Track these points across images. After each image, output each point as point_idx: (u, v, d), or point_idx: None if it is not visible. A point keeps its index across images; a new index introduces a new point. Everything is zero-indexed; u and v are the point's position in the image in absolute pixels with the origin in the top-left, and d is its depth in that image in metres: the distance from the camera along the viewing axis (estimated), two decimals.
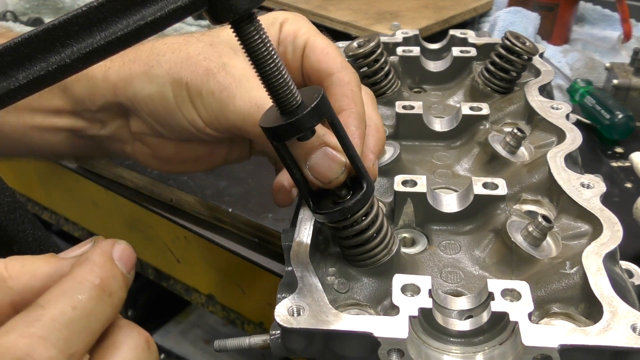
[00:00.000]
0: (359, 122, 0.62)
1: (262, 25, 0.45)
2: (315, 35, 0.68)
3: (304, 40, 0.67)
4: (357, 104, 0.63)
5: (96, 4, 0.39)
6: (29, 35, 0.38)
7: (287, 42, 0.68)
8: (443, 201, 0.69)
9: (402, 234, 0.69)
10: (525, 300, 0.52)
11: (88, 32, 0.39)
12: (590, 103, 1.15)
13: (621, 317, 0.51)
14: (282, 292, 0.57)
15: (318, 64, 0.66)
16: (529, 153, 0.79)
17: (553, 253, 0.63)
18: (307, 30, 0.68)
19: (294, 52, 0.68)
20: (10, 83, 0.38)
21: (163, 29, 0.41)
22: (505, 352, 0.52)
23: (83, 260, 0.39)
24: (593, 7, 1.62)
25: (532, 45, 0.87)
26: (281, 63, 0.47)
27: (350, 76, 0.65)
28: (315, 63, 0.66)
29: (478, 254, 0.66)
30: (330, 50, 0.67)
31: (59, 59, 0.39)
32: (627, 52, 1.41)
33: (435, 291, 0.57)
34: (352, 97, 0.63)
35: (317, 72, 0.66)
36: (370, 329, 0.51)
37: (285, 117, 0.49)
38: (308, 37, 0.68)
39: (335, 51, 0.67)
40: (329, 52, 0.66)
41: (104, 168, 1.09)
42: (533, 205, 0.71)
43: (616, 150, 1.12)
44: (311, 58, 0.67)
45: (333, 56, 0.66)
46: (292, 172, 0.54)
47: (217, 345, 0.61)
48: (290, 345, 0.54)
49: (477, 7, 1.55)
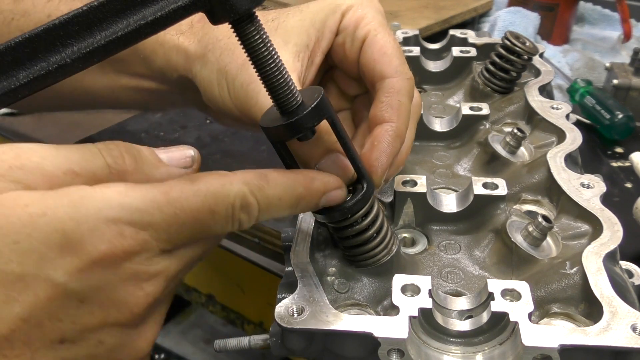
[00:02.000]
0: (394, 139, 0.58)
1: (262, 25, 0.45)
2: (378, 29, 0.63)
3: (364, 33, 0.63)
4: (401, 118, 0.59)
5: (96, 4, 0.39)
6: (30, 34, 0.38)
7: (347, 32, 0.64)
8: (443, 201, 0.69)
9: (402, 234, 0.69)
10: (525, 300, 0.52)
11: (88, 31, 0.39)
12: (590, 103, 1.15)
13: (621, 317, 0.51)
14: (282, 292, 0.57)
15: (373, 64, 0.62)
16: (529, 153, 0.79)
17: (553, 253, 0.63)
18: (370, 22, 0.64)
19: (352, 44, 0.64)
20: (11, 82, 0.38)
21: (163, 28, 0.41)
22: (505, 352, 0.52)
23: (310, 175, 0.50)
24: (593, 7, 1.62)
25: (532, 45, 0.87)
26: (281, 63, 0.47)
27: (402, 83, 0.61)
28: (371, 62, 0.62)
29: (478, 254, 0.66)
30: (389, 50, 0.62)
31: (59, 58, 0.39)
32: (627, 52, 1.41)
33: (435, 291, 0.57)
34: (398, 108, 0.60)
35: (371, 72, 0.63)
36: (370, 329, 0.51)
37: (285, 117, 0.49)
38: (369, 30, 0.63)
39: (394, 51, 0.63)
40: (387, 52, 0.62)
41: None
42: (533, 205, 0.71)
43: (616, 150, 1.12)
44: (368, 55, 0.63)
45: (390, 58, 0.62)
46: None
47: (217, 345, 0.61)
48: (290, 345, 0.54)
49: (477, 7, 1.55)
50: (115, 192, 0.40)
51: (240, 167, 1.12)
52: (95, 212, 0.38)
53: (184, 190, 0.42)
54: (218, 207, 0.43)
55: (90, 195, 0.39)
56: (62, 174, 0.40)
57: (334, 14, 0.64)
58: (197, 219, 0.42)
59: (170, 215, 0.41)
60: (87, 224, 0.38)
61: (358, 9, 0.65)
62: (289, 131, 0.50)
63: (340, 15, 0.64)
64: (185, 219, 0.42)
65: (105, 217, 0.39)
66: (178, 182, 0.42)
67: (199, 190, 0.42)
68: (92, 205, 0.39)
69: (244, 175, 0.45)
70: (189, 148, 0.46)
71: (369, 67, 0.63)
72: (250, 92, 0.60)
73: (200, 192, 0.42)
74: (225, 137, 1.17)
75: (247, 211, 0.45)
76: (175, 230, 0.42)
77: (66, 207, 0.38)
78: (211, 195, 0.43)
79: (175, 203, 0.41)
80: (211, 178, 0.43)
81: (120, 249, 0.39)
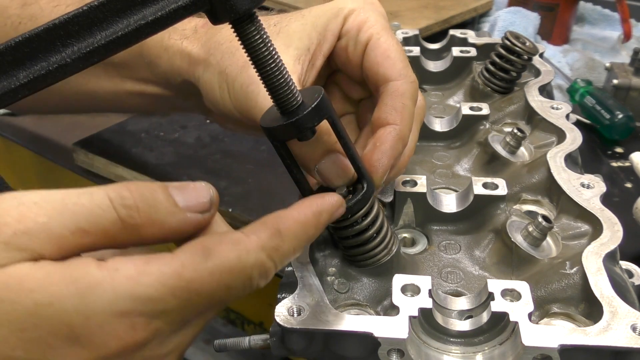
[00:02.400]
0: (397, 141, 0.58)
1: (262, 25, 0.45)
2: (380, 32, 0.63)
3: (367, 36, 0.63)
4: (404, 120, 0.59)
5: (97, 4, 0.39)
6: (30, 34, 0.38)
7: (349, 36, 0.64)
8: (443, 201, 0.69)
9: (402, 234, 0.69)
10: (525, 301, 0.52)
11: (89, 31, 0.39)
12: (590, 103, 1.15)
13: (621, 317, 0.51)
14: (282, 292, 0.57)
15: (376, 67, 0.62)
16: (529, 153, 0.79)
17: (553, 253, 0.63)
18: (373, 25, 0.64)
19: (355, 47, 0.64)
20: (11, 82, 0.38)
21: (164, 28, 0.41)
22: (505, 352, 0.52)
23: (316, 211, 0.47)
24: (593, 7, 1.62)
25: (532, 45, 0.87)
26: (282, 63, 0.47)
27: (406, 86, 0.61)
28: (374, 65, 0.62)
29: (478, 254, 0.66)
30: (392, 54, 0.62)
31: (59, 58, 0.39)
32: (627, 52, 1.41)
33: (435, 291, 0.57)
34: (401, 111, 0.59)
35: (375, 75, 0.62)
36: (371, 329, 0.51)
37: (285, 118, 0.49)
38: (372, 33, 0.63)
39: (397, 55, 0.63)
40: (390, 56, 0.62)
41: (104, 168, 1.09)
42: (533, 205, 0.71)
43: (616, 150, 1.12)
44: (371, 58, 0.63)
45: (393, 61, 0.62)
46: (292, 172, 0.54)
47: (217, 345, 0.61)
48: (290, 345, 0.54)
49: (477, 7, 1.55)
50: (125, 278, 0.37)
51: (241, 167, 1.13)
52: (104, 306, 0.36)
53: (198, 270, 0.39)
54: (235, 283, 0.41)
55: (99, 284, 0.37)
56: (70, 234, 0.37)
57: (336, 17, 0.64)
58: (213, 297, 0.41)
59: (185, 299, 0.39)
60: (96, 319, 0.36)
61: (360, 13, 0.64)
62: (289, 131, 0.50)
63: (342, 19, 0.64)
64: (199, 300, 0.40)
65: (115, 311, 0.37)
66: (192, 259, 0.40)
67: (215, 268, 0.40)
68: (100, 298, 0.36)
69: (259, 237, 0.43)
70: (206, 188, 0.44)
71: (372, 70, 0.63)
72: (249, 93, 0.60)
73: (216, 270, 0.40)
74: (225, 137, 1.17)
75: (265, 276, 0.43)
76: (189, 312, 0.41)
77: (73, 298, 0.36)
78: (227, 272, 0.41)
79: (189, 286, 0.39)
80: (226, 250, 0.41)
81: (131, 342, 0.38)
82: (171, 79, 0.70)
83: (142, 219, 0.39)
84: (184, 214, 0.42)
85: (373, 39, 0.63)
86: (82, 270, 0.37)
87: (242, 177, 1.04)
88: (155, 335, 0.39)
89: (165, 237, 0.42)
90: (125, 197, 0.39)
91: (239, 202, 0.97)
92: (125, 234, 0.39)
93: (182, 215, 0.41)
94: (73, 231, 0.37)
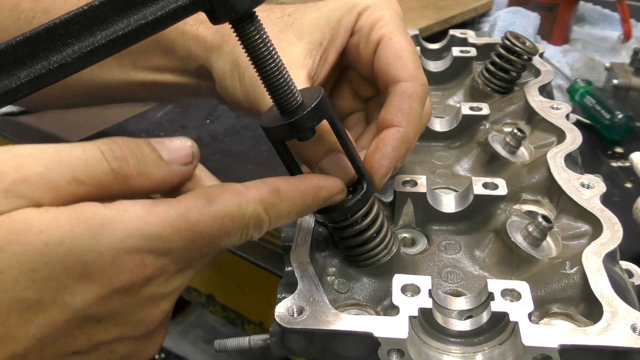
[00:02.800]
0: (400, 144, 0.58)
1: (262, 25, 0.45)
2: (394, 32, 0.62)
3: (380, 35, 0.62)
4: (410, 123, 0.59)
5: (97, 3, 0.39)
6: (31, 33, 0.38)
7: (362, 33, 0.63)
8: (443, 201, 0.69)
9: (402, 234, 0.69)
10: (525, 300, 0.52)
11: (89, 31, 0.39)
12: (590, 103, 1.15)
13: (621, 317, 0.51)
14: (282, 292, 0.57)
15: (387, 67, 0.61)
16: (529, 153, 0.79)
17: (553, 253, 0.63)
18: (387, 24, 0.63)
19: (367, 45, 0.63)
20: (12, 81, 0.38)
21: (164, 28, 0.41)
22: (505, 352, 0.52)
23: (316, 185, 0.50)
24: (593, 7, 1.62)
25: (532, 45, 0.87)
26: (282, 63, 0.47)
27: (415, 88, 0.60)
28: (385, 65, 0.62)
29: (478, 254, 0.66)
30: (404, 54, 0.61)
31: (60, 57, 0.39)
32: (627, 52, 1.41)
33: (435, 291, 0.57)
34: (408, 113, 0.59)
35: (385, 75, 0.62)
36: (370, 329, 0.51)
37: (285, 117, 0.49)
38: (385, 32, 0.62)
39: (409, 55, 0.62)
40: (402, 56, 0.61)
41: None
42: (533, 205, 0.71)
43: (616, 150, 1.12)
44: (382, 58, 0.62)
45: (405, 62, 0.61)
46: (292, 172, 0.54)
47: (217, 345, 0.61)
48: (290, 345, 0.54)
49: (477, 7, 1.55)
50: (134, 217, 0.39)
51: (241, 167, 1.13)
52: (116, 243, 0.38)
53: (202, 213, 0.42)
54: (234, 229, 0.44)
55: (110, 222, 0.38)
56: (66, 184, 0.39)
57: (350, 13, 0.64)
58: (214, 241, 0.43)
59: (189, 240, 0.42)
60: (109, 254, 0.38)
61: (375, 10, 0.64)
62: (289, 131, 0.50)
63: (356, 15, 0.64)
64: (202, 242, 0.42)
65: (126, 247, 0.39)
66: (196, 203, 0.42)
67: (217, 213, 0.43)
68: (112, 235, 0.38)
69: (259, 191, 0.45)
70: (186, 141, 0.46)
71: (382, 70, 0.62)
72: (257, 87, 0.60)
73: (219, 215, 0.43)
74: (225, 137, 1.17)
75: (259, 228, 0.46)
76: (193, 252, 0.43)
77: (84, 236, 0.37)
78: (228, 217, 0.43)
79: (194, 228, 0.41)
80: (228, 198, 0.44)
81: (141, 277, 0.40)
82: (187, 65, 0.70)
83: (132, 170, 0.41)
84: (170, 165, 0.44)
85: (385, 38, 0.62)
86: (90, 211, 0.38)
87: (242, 177, 1.04)
88: (162, 272, 0.41)
89: (153, 188, 0.43)
90: (115, 150, 0.41)
91: None
92: (117, 185, 0.41)
93: (167, 167, 0.44)
94: (69, 181, 0.39)
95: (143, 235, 0.39)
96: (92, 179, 0.40)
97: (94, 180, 0.40)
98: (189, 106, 1.28)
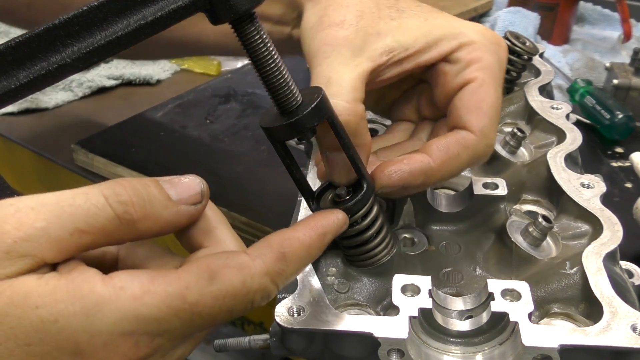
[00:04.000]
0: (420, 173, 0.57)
1: (262, 25, 0.45)
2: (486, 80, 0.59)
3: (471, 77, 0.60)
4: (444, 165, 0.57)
5: (97, 4, 0.39)
6: (30, 34, 0.38)
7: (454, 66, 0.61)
8: (443, 201, 0.69)
9: (402, 234, 0.69)
10: (525, 300, 0.52)
11: (88, 31, 0.39)
12: (590, 103, 1.15)
13: (621, 317, 0.51)
14: (282, 292, 0.57)
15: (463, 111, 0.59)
16: (529, 153, 0.79)
17: (553, 253, 0.63)
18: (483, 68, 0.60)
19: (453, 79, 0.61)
20: (11, 82, 0.38)
21: (163, 28, 0.41)
22: (505, 352, 0.52)
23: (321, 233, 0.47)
24: (593, 7, 1.62)
25: (532, 45, 0.87)
26: (282, 63, 0.47)
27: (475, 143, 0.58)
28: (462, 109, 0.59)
29: (478, 254, 0.66)
30: (486, 107, 0.59)
31: (59, 58, 0.39)
32: (627, 52, 1.41)
33: (435, 291, 0.57)
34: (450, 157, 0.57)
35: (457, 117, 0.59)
36: (370, 329, 0.51)
37: (285, 118, 0.49)
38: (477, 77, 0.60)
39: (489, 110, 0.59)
40: (483, 108, 0.59)
41: (104, 168, 1.09)
42: (533, 205, 0.71)
43: (616, 150, 1.12)
44: (463, 100, 0.60)
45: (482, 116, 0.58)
46: (292, 172, 0.54)
47: (217, 345, 0.61)
48: (290, 345, 0.54)
49: (477, 7, 1.55)
50: (130, 298, 0.38)
51: (240, 167, 1.12)
52: (109, 326, 0.37)
53: (202, 293, 0.40)
54: (237, 306, 0.42)
55: (105, 302, 0.37)
56: (69, 236, 0.38)
57: (452, 40, 0.61)
58: (215, 318, 0.41)
59: (187, 320, 0.40)
60: (101, 337, 0.37)
61: (478, 49, 0.61)
62: (289, 131, 0.50)
63: (457, 45, 0.61)
64: (202, 322, 0.41)
65: (120, 331, 0.38)
66: (197, 281, 0.40)
67: (219, 292, 0.40)
68: (106, 317, 0.37)
69: (264, 262, 0.43)
70: (196, 180, 0.44)
71: (458, 111, 0.60)
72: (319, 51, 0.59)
73: (220, 295, 0.41)
74: (225, 137, 1.17)
75: (266, 298, 0.44)
76: (192, 330, 0.41)
77: (79, 315, 0.37)
78: (231, 296, 0.41)
79: (193, 309, 0.40)
80: (231, 274, 0.41)
81: (134, 358, 0.39)
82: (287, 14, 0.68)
83: (137, 213, 0.40)
84: (178, 206, 0.42)
85: (476, 82, 0.59)
86: (88, 287, 0.37)
87: (242, 177, 1.04)
88: (157, 351, 0.40)
89: (161, 230, 0.42)
90: (119, 194, 0.40)
91: (239, 202, 0.97)
92: (123, 230, 0.40)
93: (176, 208, 0.42)
94: (71, 232, 0.38)
95: (137, 318, 0.38)
96: (95, 227, 0.39)
97: (97, 229, 0.39)
98: (189, 106, 1.28)
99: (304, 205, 0.64)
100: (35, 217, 0.37)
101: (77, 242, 0.38)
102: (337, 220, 0.50)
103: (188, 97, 1.32)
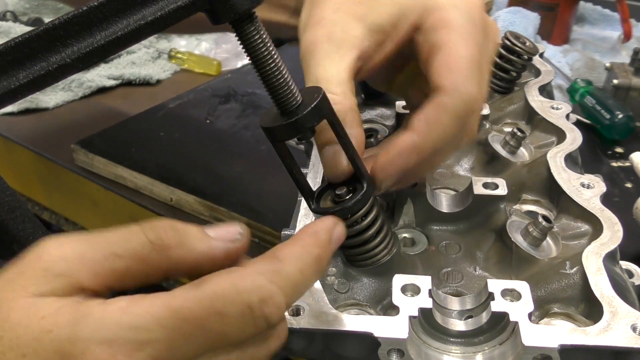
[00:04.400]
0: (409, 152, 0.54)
1: (262, 25, 0.46)
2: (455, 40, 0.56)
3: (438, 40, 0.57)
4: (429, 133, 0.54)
5: (96, 4, 0.39)
6: (30, 34, 0.38)
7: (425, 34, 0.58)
8: (443, 201, 0.69)
9: (402, 234, 0.69)
10: (525, 300, 0.52)
11: (88, 31, 0.39)
12: (590, 103, 1.15)
13: (621, 317, 0.51)
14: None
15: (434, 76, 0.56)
16: (529, 153, 0.79)
17: (553, 253, 0.63)
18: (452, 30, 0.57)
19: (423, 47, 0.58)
20: (11, 82, 0.38)
21: (163, 29, 0.41)
22: (505, 352, 0.52)
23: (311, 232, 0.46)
24: (593, 7, 1.62)
25: (532, 45, 0.87)
26: (282, 63, 0.47)
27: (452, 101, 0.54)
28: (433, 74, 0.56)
29: (478, 254, 0.66)
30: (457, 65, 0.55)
31: (59, 58, 0.39)
32: (627, 52, 1.41)
33: (435, 291, 0.57)
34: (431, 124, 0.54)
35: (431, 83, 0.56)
36: (371, 329, 0.51)
37: (285, 118, 0.49)
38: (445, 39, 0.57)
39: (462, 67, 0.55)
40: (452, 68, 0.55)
41: (104, 168, 1.09)
42: (533, 205, 0.71)
43: (616, 150, 1.12)
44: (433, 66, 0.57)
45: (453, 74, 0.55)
46: (292, 172, 0.54)
47: None
48: (290, 345, 0.54)
49: None
50: (115, 308, 0.37)
51: (240, 167, 1.12)
52: (89, 334, 0.37)
53: (187, 298, 0.38)
54: (228, 309, 0.39)
55: (91, 313, 0.37)
56: (104, 260, 0.39)
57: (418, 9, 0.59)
58: (204, 326, 0.38)
59: (172, 329, 0.37)
60: (80, 346, 0.36)
61: (444, 11, 0.58)
62: (289, 131, 0.50)
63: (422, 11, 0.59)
64: (189, 329, 0.38)
65: (98, 339, 0.36)
66: (183, 290, 0.39)
67: (204, 294, 0.39)
68: (87, 326, 0.37)
69: (255, 265, 0.42)
70: (236, 224, 0.44)
71: (430, 78, 0.57)
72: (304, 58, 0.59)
73: (205, 296, 0.39)
74: (225, 137, 1.17)
75: (270, 303, 0.41)
76: (181, 344, 0.38)
77: (67, 326, 0.37)
78: (218, 297, 0.39)
79: (177, 314, 0.38)
80: (219, 278, 0.40)
81: None
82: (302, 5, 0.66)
83: (170, 240, 0.41)
84: (211, 240, 0.42)
85: (444, 44, 0.57)
86: (84, 303, 0.38)
87: (242, 177, 1.04)
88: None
89: (195, 261, 0.42)
90: (156, 225, 0.41)
91: (239, 202, 0.97)
92: (156, 255, 0.40)
93: (210, 242, 0.42)
94: (107, 256, 0.39)
95: (118, 326, 0.37)
96: (128, 251, 0.39)
97: (130, 253, 0.39)
98: (189, 106, 1.28)
99: (304, 205, 0.64)
100: (76, 242, 0.39)
101: (111, 266, 0.39)
102: (327, 222, 0.48)
103: (188, 97, 1.32)
